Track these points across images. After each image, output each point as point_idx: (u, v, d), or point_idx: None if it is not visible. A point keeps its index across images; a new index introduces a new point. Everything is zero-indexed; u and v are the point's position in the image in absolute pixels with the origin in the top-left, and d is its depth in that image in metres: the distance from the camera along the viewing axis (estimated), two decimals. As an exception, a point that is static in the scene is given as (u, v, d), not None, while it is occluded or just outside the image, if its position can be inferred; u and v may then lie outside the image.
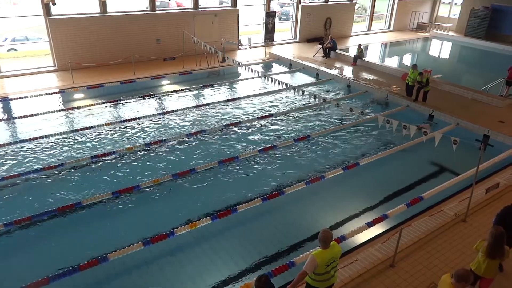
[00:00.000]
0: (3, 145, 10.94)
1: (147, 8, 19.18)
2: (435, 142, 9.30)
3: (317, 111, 14.17)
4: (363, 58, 19.76)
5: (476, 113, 13.61)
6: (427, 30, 29.27)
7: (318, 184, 9.38)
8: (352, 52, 20.96)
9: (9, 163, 10.20)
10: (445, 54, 26.01)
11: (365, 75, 18.03)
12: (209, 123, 12.87)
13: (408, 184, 9.86)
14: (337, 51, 21.20)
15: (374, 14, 28.12)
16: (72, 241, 7.62)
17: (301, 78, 18.56)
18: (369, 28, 28.47)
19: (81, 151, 10.92)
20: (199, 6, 20.46)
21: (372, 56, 22.71)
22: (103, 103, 14.32)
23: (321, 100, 13.19)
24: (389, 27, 29.46)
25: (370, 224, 7.75)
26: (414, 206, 8.46)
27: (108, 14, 18.09)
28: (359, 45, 20.07)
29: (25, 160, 10.36)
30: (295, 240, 7.74)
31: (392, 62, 22.61)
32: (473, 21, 27.19)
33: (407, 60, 23.47)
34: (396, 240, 6.77)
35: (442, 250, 7.27)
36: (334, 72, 18.27)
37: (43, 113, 13.03)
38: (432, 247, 7.35)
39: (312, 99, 13.51)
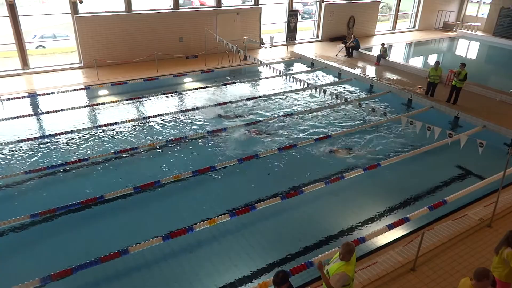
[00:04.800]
0: (31, 139, 11.28)
1: (170, 6, 19.40)
2: (460, 145, 9.07)
3: (338, 111, 14.03)
4: (387, 58, 19.43)
5: (504, 116, 13.18)
6: (454, 29, 28.53)
7: (337, 184, 9.28)
8: (376, 52, 20.64)
9: (36, 156, 10.52)
10: (473, 55, 25.28)
11: (389, 75, 17.73)
12: (229, 121, 12.92)
13: (431, 187, 9.64)
14: (360, 50, 20.92)
15: (399, 13, 27.60)
16: (94, 234, 7.80)
17: (323, 78, 18.41)
18: (394, 27, 27.98)
19: (105, 146, 11.16)
20: (222, 5, 20.56)
21: (396, 56, 22.30)
22: (127, 99, 14.59)
23: (343, 100, 13.07)
24: (414, 26, 28.86)
25: (390, 227, 7.62)
26: (437, 209, 8.26)
27: (133, 12, 18.40)
28: (383, 45, 19.74)
29: (51, 154, 10.66)
30: (313, 240, 7.68)
31: (416, 62, 22.16)
32: (503, 20, 26.34)
33: (433, 60, 22.92)
34: (417, 243, 6.63)
35: (465, 256, 7.08)
36: (357, 71, 18.04)
37: (69, 109, 13.36)
38: (455, 252, 7.17)
39: (334, 99, 13.40)
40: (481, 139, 8.54)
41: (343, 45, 21.18)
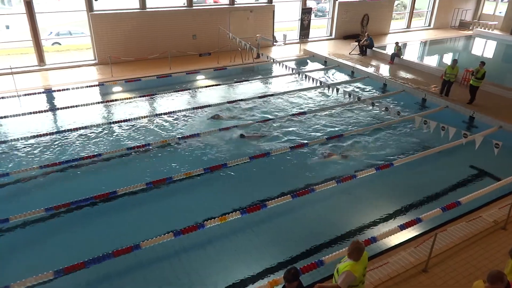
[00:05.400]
0: (46, 134, 11.48)
1: (184, 4, 19.49)
2: (475, 145, 8.93)
3: (351, 110, 13.92)
4: (401, 57, 19.21)
5: (521, 116, 12.92)
6: (470, 28, 28.05)
7: (349, 183, 9.23)
8: (390, 50, 20.42)
9: (50, 151, 10.70)
10: (489, 54, 24.80)
11: (403, 74, 17.52)
12: (241, 119, 12.93)
13: (444, 187, 9.51)
14: (373, 48, 20.72)
15: (414, 11, 27.24)
16: (107, 228, 7.91)
17: (336, 76, 18.29)
18: (408, 26, 27.63)
19: (118, 142, 11.29)
20: (235, 2, 20.57)
21: (410, 55, 22.02)
22: (140, 96, 14.72)
23: (356, 99, 12.99)
24: (429, 25, 28.46)
25: (402, 227, 7.54)
26: (450, 210, 8.14)
27: (147, 9, 18.54)
28: (397, 43, 19.52)
29: (65, 149, 10.83)
30: (324, 239, 7.65)
31: (431, 61, 21.85)
32: (521, 19, 25.79)
33: (448, 59, 22.59)
34: (429, 244, 6.56)
35: (478, 258, 6.98)
36: (370, 70, 17.88)
37: (83, 105, 13.54)
38: (468, 254, 7.07)
39: (347, 97, 13.33)
40: (497, 140, 8.39)
41: (356, 43, 21.00)
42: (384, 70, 18.22)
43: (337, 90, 13.42)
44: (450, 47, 25.49)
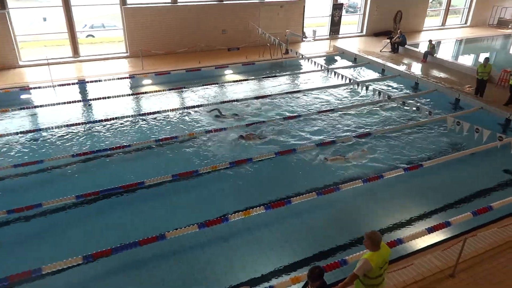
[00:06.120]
0: (78, 124, 11.86)
1: (215, -2, 19.61)
2: (510, 149, 8.59)
3: (380, 108, 13.65)
4: (435, 55, 18.65)
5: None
6: (510, 26, 26.86)
7: (376, 183, 9.06)
8: (423, 48, 19.86)
9: (81, 141, 11.04)
10: (529, 54, 23.75)
11: (436, 72, 17.01)
12: (268, 115, 12.93)
13: (476, 191, 9.18)
14: (406, 46, 20.21)
15: (450, 8, 26.34)
16: (133, 218, 8.09)
17: (366, 73, 17.96)
18: (443, 23, 26.78)
19: (147, 133, 11.53)
20: (266, -3, 20.53)
21: (445, 53, 21.33)
22: (169, 89, 14.95)
23: (386, 97, 12.73)
24: (465, 22, 27.48)
25: (430, 230, 7.34)
26: (481, 215, 7.86)
27: (178, 4, 18.76)
28: (430, 41, 18.95)
29: (96, 139, 11.15)
30: (348, 238, 7.56)
31: (466, 60, 21.09)
32: None
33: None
34: (458, 249, 6.37)
35: (509, 266, 6.72)
36: (402, 68, 17.45)
37: (114, 97, 13.89)
38: (498, 262, 6.81)
39: (376, 96, 13.08)
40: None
41: (388, 40, 20.54)
42: (416, 68, 17.74)
43: (367, 88, 13.19)
44: (487, 46, 24.51)
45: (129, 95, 14.53)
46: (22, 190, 8.88)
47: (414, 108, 12.13)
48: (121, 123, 12.10)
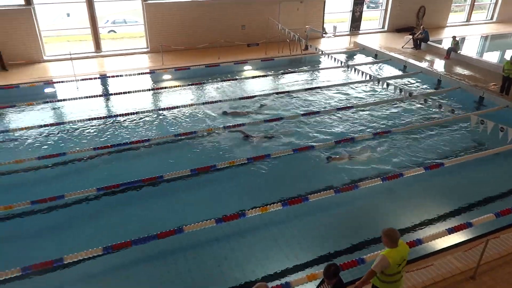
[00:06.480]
0: (100, 118, 12.08)
1: (235, -6, 19.57)
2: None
3: (401, 106, 13.42)
4: (458, 51, 18.17)
5: None
6: (539, 22, 25.95)
7: (395, 181, 8.93)
8: (446, 45, 19.38)
9: (102, 135, 11.25)
10: (559, 51, 22.87)
11: (459, 69, 16.60)
12: (287, 111, 12.88)
13: (499, 192, 8.94)
14: (429, 42, 19.76)
15: (475, 3, 25.60)
16: (152, 211, 8.21)
17: (387, 70, 17.67)
18: (468, 19, 26.04)
19: (166, 128, 11.65)
20: (286, -7, 20.37)
21: (469, 50, 20.74)
22: (189, 84, 15.06)
23: (407, 94, 12.51)
24: (491, 18, 26.66)
25: (451, 231, 7.20)
26: (504, 216, 7.66)
27: (199, -1, 18.83)
28: (454, 37, 18.45)
29: (117, 133, 11.34)
30: (366, 237, 7.48)
31: (492, 57, 20.48)
32: None
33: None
34: (479, 251, 6.23)
35: (534, 269, 6.54)
36: (424, 65, 17.08)
37: (135, 91, 14.09)
38: (522, 264, 6.64)
39: (397, 93, 12.87)
40: None
41: (410, 36, 20.12)
42: (439, 65, 17.34)
43: (387, 84, 12.99)
44: (514, 43, 23.75)
45: (149, 90, 14.71)
46: (45, 182, 9.12)
47: (436, 106, 11.87)
48: (141, 118, 12.27)
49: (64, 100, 13.50)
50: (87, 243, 6.89)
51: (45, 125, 11.55)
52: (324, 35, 21.87)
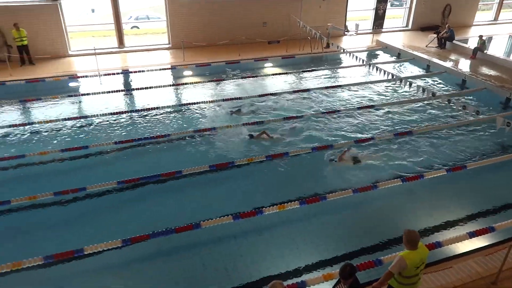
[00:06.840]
0: (122, 112, 12.29)
1: (257, -10, 19.54)
2: None
3: (424, 106, 13.15)
4: (485, 51, 17.66)
5: None
6: None
7: (415, 182, 8.77)
8: (472, 44, 18.86)
9: (124, 129, 11.44)
10: None
11: (485, 70, 16.14)
12: (307, 109, 12.80)
13: (524, 196, 8.69)
14: (454, 41, 19.27)
15: (504, 1, 24.81)
16: (170, 205, 8.32)
17: (410, 69, 17.34)
18: (496, 18, 25.27)
19: (185, 124, 11.77)
20: (308, -10, 20.20)
21: (496, 49, 20.11)
22: (209, 81, 15.16)
23: (430, 94, 12.25)
24: (521, 17, 25.81)
25: (472, 235, 7.03)
26: (529, 222, 7.44)
27: (221, -4, 18.89)
28: (481, 36, 17.93)
29: (138, 127, 11.52)
30: (384, 238, 7.38)
31: (520, 57, 19.82)
32: None
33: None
34: (502, 256, 6.06)
35: (559, 277, 6.32)
36: (448, 64, 16.67)
37: (156, 87, 14.28)
38: (547, 272, 6.43)
39: (420, 92, 12.62)
40: None
41: (435, 35, 19.66)
42: (465, 65, 16.90)
43: (410, 84, 12.75)
44: (544, 43, 22.91)
45: (170, 85, 14.88)
46: (67, 174, 9.34)
47: (461, 107, 11.57)
48: (162, 113, 12.42)
49: (87, 94, 13.80)
50: (107, 235, 7.02)
51: (68, 119, 11.83)
52: (346, 33, 21.62)
